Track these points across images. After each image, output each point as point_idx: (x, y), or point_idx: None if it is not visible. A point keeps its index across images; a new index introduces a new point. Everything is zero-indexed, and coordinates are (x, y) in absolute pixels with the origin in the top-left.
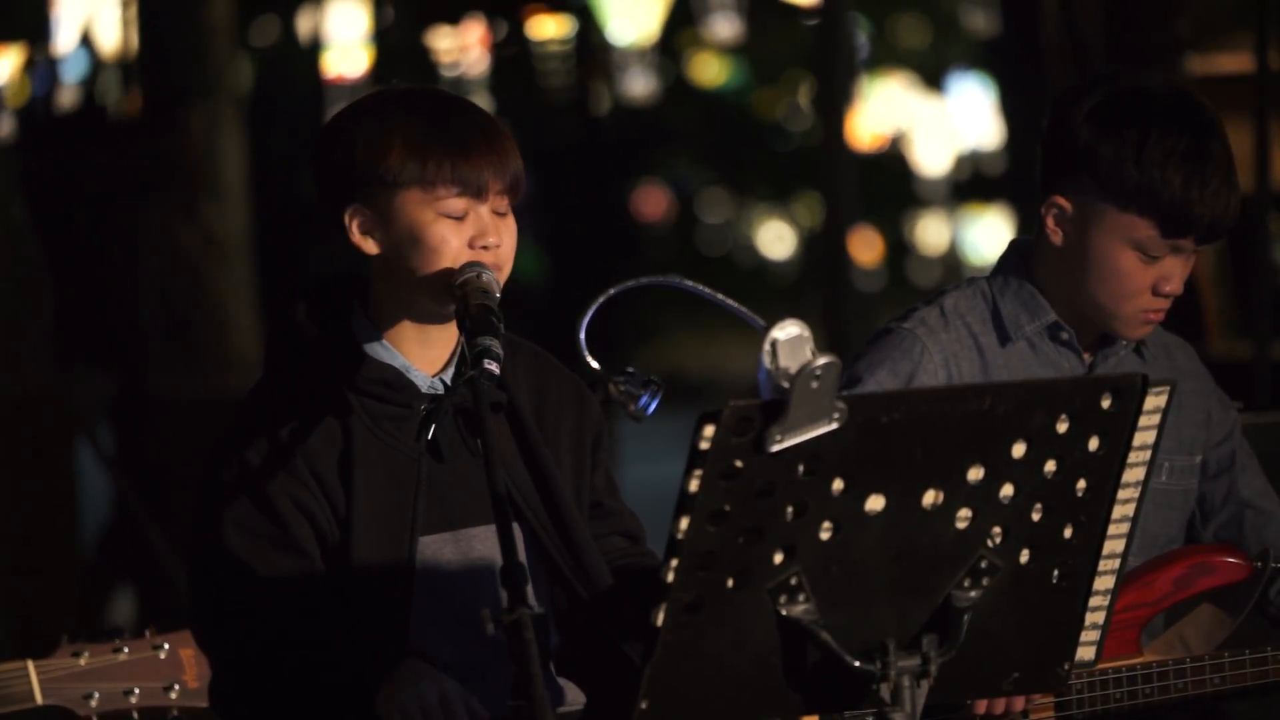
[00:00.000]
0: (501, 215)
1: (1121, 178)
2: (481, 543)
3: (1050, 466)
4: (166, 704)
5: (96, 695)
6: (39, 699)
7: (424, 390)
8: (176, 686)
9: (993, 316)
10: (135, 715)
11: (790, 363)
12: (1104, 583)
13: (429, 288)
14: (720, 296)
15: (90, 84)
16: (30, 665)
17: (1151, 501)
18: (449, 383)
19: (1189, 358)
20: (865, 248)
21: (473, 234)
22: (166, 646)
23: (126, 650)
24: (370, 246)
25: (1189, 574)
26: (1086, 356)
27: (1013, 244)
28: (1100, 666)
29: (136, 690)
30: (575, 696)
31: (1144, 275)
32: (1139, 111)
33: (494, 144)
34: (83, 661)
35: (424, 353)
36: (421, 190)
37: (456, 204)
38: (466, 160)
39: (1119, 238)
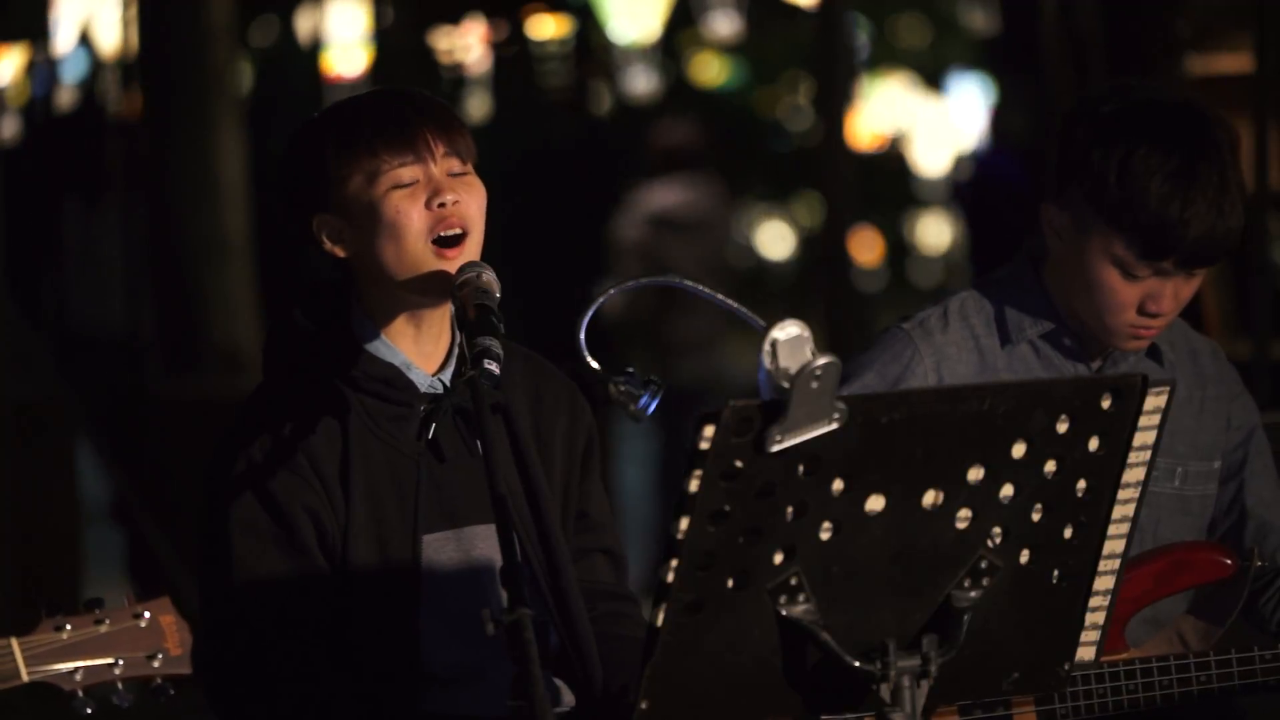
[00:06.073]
0: (458, 175)
1: (1103, 191)
2: (483, 541)
3: (1050, 467)
4: (150, 673)
5: (82, 670)
6: (24, 677)
7: (423, 390)
8: (160, 655)
9: (996, 318)
10: (120, 686)
11: (790, 363)
12: (1104, 583)
13: (407, 272)
14: (720, 296)
15: (90, 84)
16: (14, 643)
17: (1165, 507)
18: (448, 382)
19: (1216, 362)
20: (865, 248)
21: (427, 194)
22: (147, 615)
23: (108, 622)
24: (343, 250)
25: (1169, 570)
26: (1095, 363)
27: (1027, 245)
28: None
29: (121, 662)
30: (571, 699)
31: (1127, 292)
32: (1137, 125)
33: (429, 110)
34: (65, 636)
35: (421, 350)
36: (364, 170)
37: (403, 172)
38: (400, 126)
39: (1101, 252)
